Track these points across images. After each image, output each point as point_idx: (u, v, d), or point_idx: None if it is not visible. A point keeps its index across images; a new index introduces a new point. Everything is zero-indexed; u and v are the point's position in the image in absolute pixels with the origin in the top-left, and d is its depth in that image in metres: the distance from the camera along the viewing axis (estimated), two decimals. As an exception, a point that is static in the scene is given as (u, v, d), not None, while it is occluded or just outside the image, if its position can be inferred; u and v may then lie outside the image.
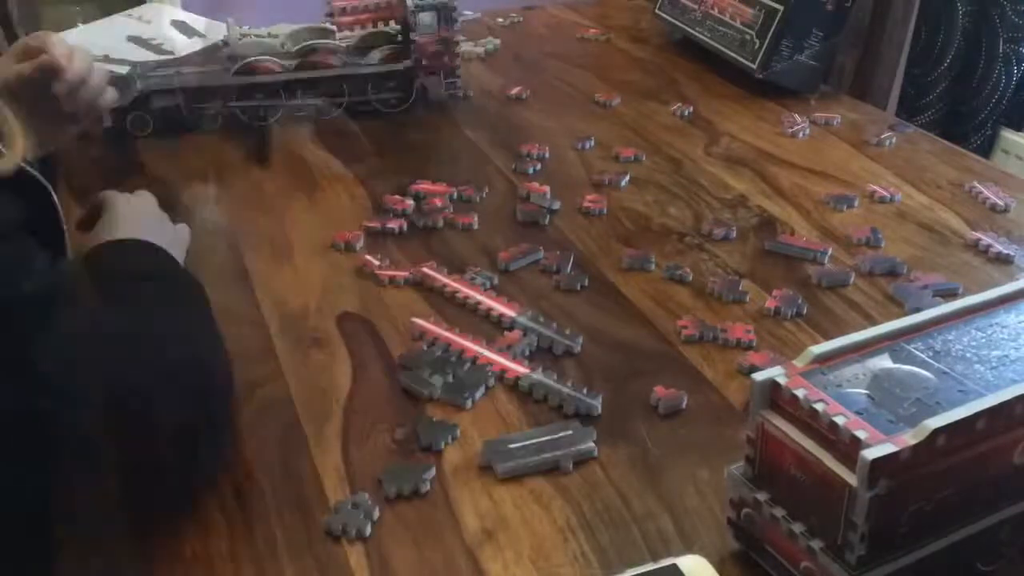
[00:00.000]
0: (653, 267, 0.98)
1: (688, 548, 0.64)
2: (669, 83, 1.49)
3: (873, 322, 0.89)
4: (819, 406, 0.54)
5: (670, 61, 1.59)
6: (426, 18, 1.30)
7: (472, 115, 1.37)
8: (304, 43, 1.30)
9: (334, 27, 1.33)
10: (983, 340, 0.61)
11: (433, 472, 0.70)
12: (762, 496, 0.58)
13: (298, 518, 0.66)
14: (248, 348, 0.84)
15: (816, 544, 0.55)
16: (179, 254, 0.89)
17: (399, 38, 1.33)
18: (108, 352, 0.61)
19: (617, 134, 1.30)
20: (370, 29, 1.35)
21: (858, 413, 0.54)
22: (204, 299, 0.78)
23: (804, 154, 1.25)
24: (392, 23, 1.34)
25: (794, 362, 0.58)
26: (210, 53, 1.32)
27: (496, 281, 0.95)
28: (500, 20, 1.78)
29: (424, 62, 1.33)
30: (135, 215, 0.89)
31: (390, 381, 0.80)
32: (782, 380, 0.56)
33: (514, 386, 0.79)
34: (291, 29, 1.33)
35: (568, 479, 0.70)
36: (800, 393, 0.55)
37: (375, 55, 1.33)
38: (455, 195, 1.12)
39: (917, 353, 0.59)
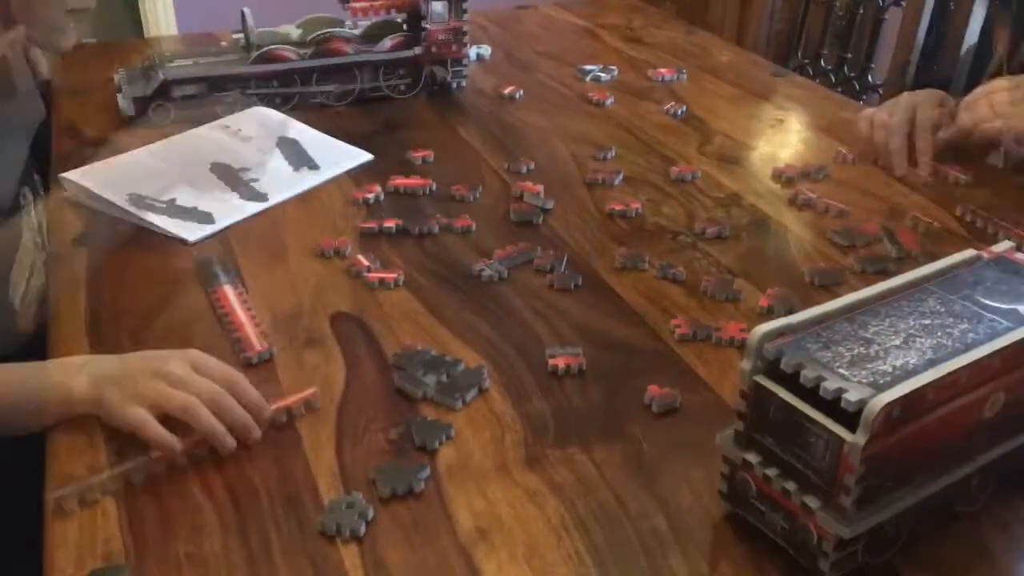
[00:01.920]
0: (647, 266, 0.98)
1: (683, 546, 0.64)
2: (663, 82, 1.49)
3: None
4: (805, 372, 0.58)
5: (663, 60, 1.59)
6: (438, 7, 1.35)
7: (465, 115, 1.37)
8: (318, 32, 1.33)
9: (348, 12, 1.36)
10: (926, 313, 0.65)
11: (427, 471, 0.70)
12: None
13: (292, 518, 0.66)
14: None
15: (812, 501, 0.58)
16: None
17: (404, 27, 1.37)
18: None
19: (611, 133, 1.30)
20: (374, 19, 1.38)
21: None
22: None
23: (799, 152, 1.25)
24: (399, 12, 1.38)
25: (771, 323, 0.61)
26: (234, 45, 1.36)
27: (506, 274, 0.95)
28: (493, 19, 1.78)
29: (434, 50, 1.38)
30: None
31: (384, 381, 0.80)
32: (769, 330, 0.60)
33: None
34: (298, 22, 1.37)
35: (562, 478, 0.70)
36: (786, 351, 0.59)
37: (386, 42, 1.36)
38: (433, 188, 1.12)
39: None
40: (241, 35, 1.35)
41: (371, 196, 1.10)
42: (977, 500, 0.65)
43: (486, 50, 1.61)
